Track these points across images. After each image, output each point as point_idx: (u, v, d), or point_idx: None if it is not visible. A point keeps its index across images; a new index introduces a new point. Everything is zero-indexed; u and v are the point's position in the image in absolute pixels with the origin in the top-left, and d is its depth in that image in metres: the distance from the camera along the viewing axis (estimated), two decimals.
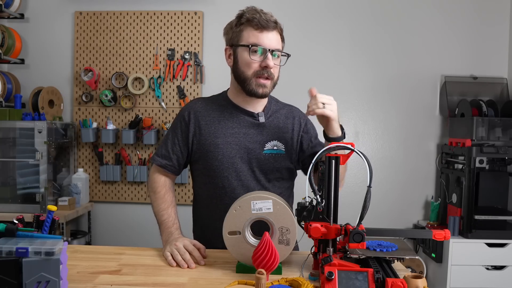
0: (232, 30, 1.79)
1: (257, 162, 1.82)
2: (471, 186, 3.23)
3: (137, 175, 3.70)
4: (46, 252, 1.06)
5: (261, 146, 1.82)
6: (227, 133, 1.82)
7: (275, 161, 1.83)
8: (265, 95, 1.79)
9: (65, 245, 1.14)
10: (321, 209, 1.38)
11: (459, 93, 3.65)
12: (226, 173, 1.80)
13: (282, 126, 1.88)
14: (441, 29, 3.73)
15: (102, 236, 3.87)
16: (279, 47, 1.77)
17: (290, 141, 1.87)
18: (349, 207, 1.74)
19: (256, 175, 1.82)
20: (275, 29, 1.75)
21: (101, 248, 1.79)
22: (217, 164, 1.80)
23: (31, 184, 3.31)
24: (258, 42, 1.71)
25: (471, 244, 3.24)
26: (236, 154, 1.80)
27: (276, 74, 1.79)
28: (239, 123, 1.84)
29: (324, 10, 3.74)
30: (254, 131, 1.83)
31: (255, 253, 1.36)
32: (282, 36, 1.81)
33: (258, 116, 1.85)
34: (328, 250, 1.37)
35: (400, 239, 1.49)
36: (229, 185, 1.80)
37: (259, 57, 1.72)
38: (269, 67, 1.72)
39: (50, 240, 1.13)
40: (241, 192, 1.77)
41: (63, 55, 3.82)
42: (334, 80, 3.75)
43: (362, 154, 1.34)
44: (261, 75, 1.74)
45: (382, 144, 3.79)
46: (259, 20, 1.70)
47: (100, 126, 3.76)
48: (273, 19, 1.74)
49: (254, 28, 1.72)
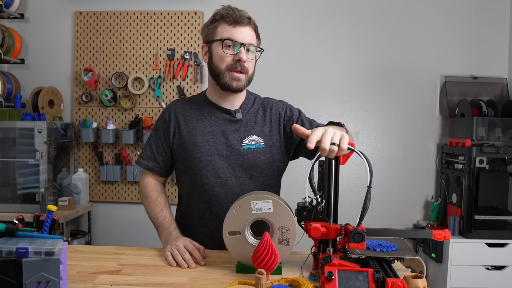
0: (208, 28, 1.82)
1: (236, 159, 1.82)
2: (471, 186, 3.23)
3: (137, 175, 3.69)
4: (46, 252, 1.06)
5: (239, 142, 1.83)
6: (205, 131, 1.83)
7: (254, 157, 1.83)
8: (240, 89, 1.80)
9: (65, 245, 1.14)
10: (321, 209, 1.38)
11: (459, 93, 3.65)
12: (205, 171, 1.81)
13: (259, 119, 1.89)
14: (441, 29, 3.73)
15: (102, 236, 3.87)
16: (253, 42, 1.78)
17: (268, 133, 1.87)
18: (349, 207, 1.73)
19: (236, 172, 1.82)
20: (248, 24, 1.77)
21: (101, 248, 1.79)
22: (195, 162, 1.81)
23: (31, 184, 3.31)
24: (231, 36, 1.74)
25: (471, 244, 3.24)
26: (214, 151, 1.81)
27: (250, 68, 1.80)
28: (216, 121, 1.85)
29: (324, 10, 3.74)
30: (231, 128, 1.84)
31: (255, 253, 1.36)
32: (257, 32, 1.83)
33: (235, 113, 1.86)
34: (328, 250, 1.37)
35: (400, 239, 1.49)
36: (208, 182, 1.81)
37: (232, 50, 1.75)
38: (241, 60, 1.74)
39: (50, 240, 1.13)
40: (220, 190, 1.80)
41: (63, 55, 3.82)
42: (333, 80, 3.75)
43: (362, 154, 1.34)
44: (234, 68, 1.75)
45: (382, 144, 3.79)
46: (233, 16, 1.73)
47: (100, 126, 3.76)
48: (246, 15, 1.77)
49: (228, 24, 1.75)
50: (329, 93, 3.75)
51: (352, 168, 3.72)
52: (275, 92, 2.09)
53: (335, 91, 3.75)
